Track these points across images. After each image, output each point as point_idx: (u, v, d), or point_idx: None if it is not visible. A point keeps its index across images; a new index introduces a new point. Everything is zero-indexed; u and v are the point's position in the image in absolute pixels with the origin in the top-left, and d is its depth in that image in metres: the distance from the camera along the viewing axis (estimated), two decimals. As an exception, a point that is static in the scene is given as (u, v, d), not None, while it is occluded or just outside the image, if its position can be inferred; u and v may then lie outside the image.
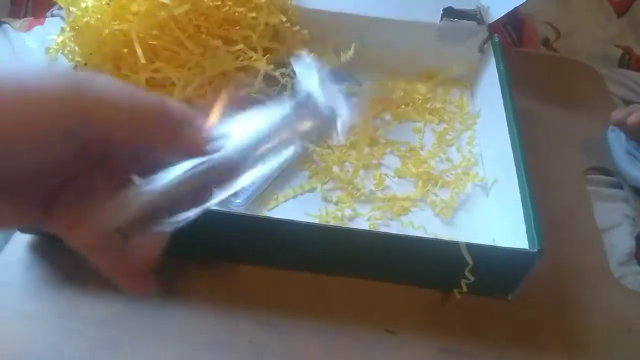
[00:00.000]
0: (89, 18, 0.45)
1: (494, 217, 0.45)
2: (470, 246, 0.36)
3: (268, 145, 0.24)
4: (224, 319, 0.38)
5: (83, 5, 0.45)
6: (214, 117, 0.25)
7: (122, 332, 0.37)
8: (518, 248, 0.36)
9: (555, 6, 0.68)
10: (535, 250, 0.35)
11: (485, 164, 0.50)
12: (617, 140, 0.52)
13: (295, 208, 0.45)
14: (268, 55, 0.49)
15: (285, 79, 0.49)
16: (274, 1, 0.52)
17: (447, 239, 0.38)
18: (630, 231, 0.47)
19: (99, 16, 0.45)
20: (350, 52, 0.52)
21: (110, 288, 0.26)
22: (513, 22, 0.67)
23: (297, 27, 0.52)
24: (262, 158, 0.24)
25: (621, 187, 0.50)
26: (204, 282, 0.39)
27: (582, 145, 0.54)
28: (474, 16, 0.55)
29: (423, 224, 0.44)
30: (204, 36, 0.48)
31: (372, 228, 0.44)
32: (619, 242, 0.46)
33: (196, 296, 0.39)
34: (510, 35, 0.67)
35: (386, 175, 0.48)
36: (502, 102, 0.48)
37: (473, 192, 0.48)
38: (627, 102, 0.60)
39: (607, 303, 0.41)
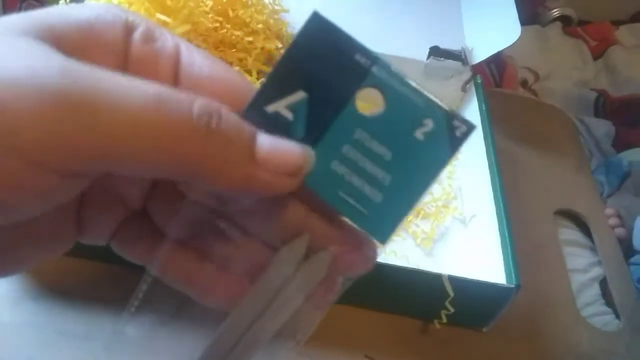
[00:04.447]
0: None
1: (471, 250, 0.47)
2: (451, 278, 0.37)
3: None
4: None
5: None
6: None
7: (103, 347, 0.37)
8: (496, 283, 0.38)
9: (535, 50, 0.72)
10: (513, 285, 0.37)
11: (464, 198, 0.52)
12: None
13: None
14: (262, 78, 0.51)
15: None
16: (271, 27, 0.53)
17: (428, 269, 0.39)
18: (596, 275, 0.49)
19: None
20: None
21: (92, 301, 0.24)
22: (496, 62, 0.71)
23: (291, 54, 0.53)
24: None
25: (588, 234, 0.53)
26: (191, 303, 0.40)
27: (553, 187, 0.57)
28: (459, 57, 0.58)
29: (405, 253, 0.45)
30: (201, 56, 0.49)
31: (355, 255, 0.45)
32: (585, 284, 0.48)
33: (180, 316, 0.39)
34: (493, 74, 0.70)
35: (370, 203, 0.49)
36: (482, 139, 0.50)
37: (452, 225, 0.50)
38: (591, 152, 0.63)
39: (575, 339, 0.43)
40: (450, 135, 0.16)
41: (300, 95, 0.17)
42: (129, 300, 0.20)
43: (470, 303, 0.39)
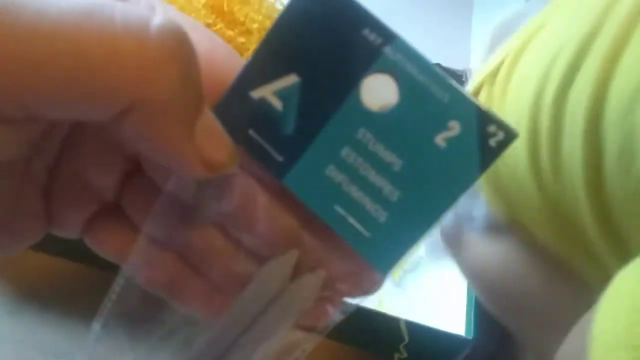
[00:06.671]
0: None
1: (440, 288, 0.46)
2: (408, 323, 0.37)
3: None
4: None
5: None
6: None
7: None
8: (454, 333, 0.37)
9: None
10: (470, 338, 0.37)
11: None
12: None
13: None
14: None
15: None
16: (266, 27, 0.51)
17: (393, 301, 0.38)
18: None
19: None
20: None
21: (73, 316, 0.23)
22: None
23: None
24: None
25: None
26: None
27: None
28: (460, 78, 0.56)
29: (371, 283, 0.44)
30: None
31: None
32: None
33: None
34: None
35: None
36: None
37: (426, 255, 0.49)
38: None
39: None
40: (481, 144, 0.13)
41: (291, 80, 0.13)
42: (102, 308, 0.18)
43: (424, 351, 0.38)
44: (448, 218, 0.27)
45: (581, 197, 0.18)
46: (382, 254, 0.14)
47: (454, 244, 0.26)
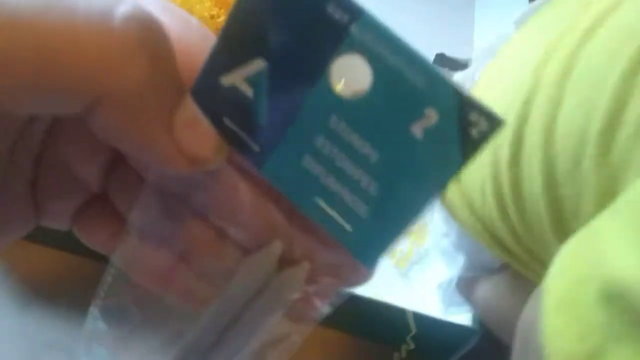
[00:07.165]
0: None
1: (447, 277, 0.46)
2: (416, 315, 0.37)
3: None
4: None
5: None
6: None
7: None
8: (461, 324, 0.37)
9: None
10: (477, 328, 0.37)
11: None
12: None
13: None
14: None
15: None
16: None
17: (400, 291, 0.39)
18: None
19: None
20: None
21: (83, 310, 0.22)
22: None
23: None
24: None
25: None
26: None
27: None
28: (465, 67, 0.56)
29: (381, 272, 0.44)
30: (195, 46, 0.47)
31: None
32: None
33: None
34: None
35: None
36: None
37: (432, 247, 0.49)
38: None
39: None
40: (462, 134, 0.11)
41: (259, 65, 0.12)
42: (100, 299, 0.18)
43: (432, 341, 0.38)
44: (465, 268, 0.34)
45: (549, 237, 0.23)
46: (366, 247, 0.14)
47: (467, 289, 0.32)
